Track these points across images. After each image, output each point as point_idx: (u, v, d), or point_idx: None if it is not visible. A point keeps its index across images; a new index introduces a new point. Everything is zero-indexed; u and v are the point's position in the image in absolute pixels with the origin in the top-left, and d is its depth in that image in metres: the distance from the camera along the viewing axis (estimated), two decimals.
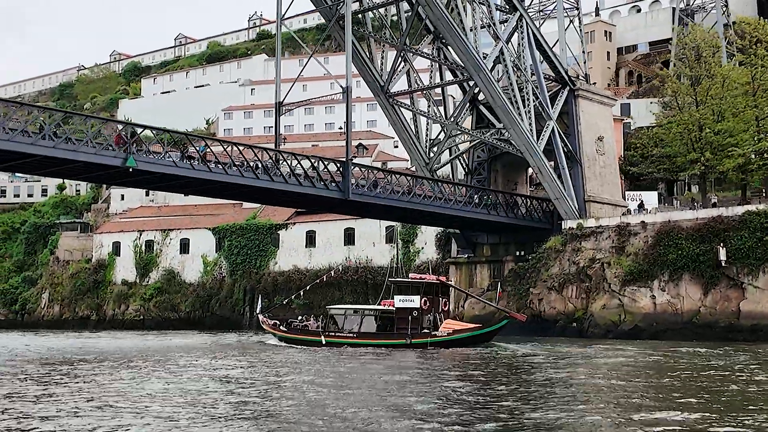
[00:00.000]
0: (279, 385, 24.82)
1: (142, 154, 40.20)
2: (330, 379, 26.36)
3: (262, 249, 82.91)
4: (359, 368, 30.78)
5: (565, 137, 59.60)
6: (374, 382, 25.50)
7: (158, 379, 26.04)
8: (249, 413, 18.23)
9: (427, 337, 42.20)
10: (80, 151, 37.69)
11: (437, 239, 72.29)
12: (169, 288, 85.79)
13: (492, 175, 65.05)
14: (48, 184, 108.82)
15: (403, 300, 43.71)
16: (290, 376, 27.10)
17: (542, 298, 54.88)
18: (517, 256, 61.86)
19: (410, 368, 30.33)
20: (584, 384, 24.76)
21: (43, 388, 23.28)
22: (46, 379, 25.85)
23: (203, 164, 42.26)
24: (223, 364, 32.63)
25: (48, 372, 28.53)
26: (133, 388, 23.14)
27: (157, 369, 29.79)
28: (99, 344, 49.73)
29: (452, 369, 30.51)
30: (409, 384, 24.40)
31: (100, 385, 24.10)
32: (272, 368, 30.56)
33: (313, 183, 47.25)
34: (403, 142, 62.73)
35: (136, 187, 49.11)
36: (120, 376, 27.19)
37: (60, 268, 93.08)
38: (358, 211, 55.64)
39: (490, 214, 56.82)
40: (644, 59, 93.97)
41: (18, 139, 35.75)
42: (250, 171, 44.24)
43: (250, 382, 25.27)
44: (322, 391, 22.55)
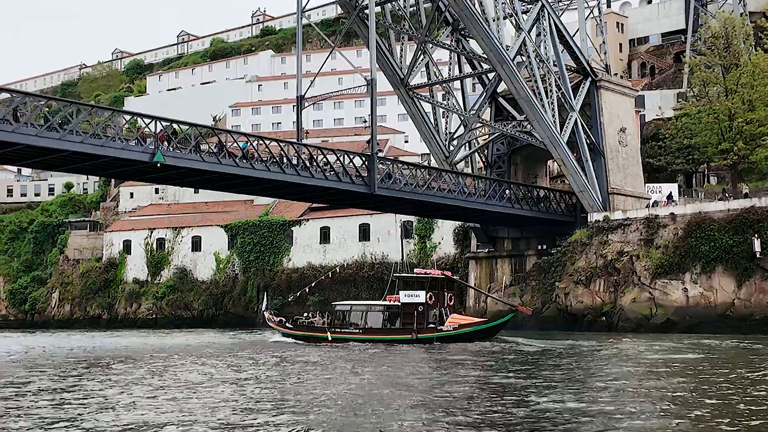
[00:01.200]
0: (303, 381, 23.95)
1: (169, 148, 39.24)
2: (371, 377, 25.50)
3: (275, 246, 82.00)
4: (400, 366, 29.91)
5: (588, 129, 58.80)
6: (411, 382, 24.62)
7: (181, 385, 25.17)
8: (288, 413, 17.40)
9: (433, 332, 42.16)
10: (108, 146, 36.78)
11: (455, 234, 71.41)
12: (182, 286, 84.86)
13: (512, 168, 64.20)
14: (55, 182, 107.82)
15: (409, 295, 43.68)
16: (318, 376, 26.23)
17: (569, 293, 54.06)
18: (540, 250, 61.10)
19: (426, 363, 29.52)
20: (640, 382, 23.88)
21: (102, 383, 22.45)
22: (95, 376, 24.99)
23: (229, 158, 41.35)
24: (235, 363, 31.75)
25: (96, 368, 27.65)
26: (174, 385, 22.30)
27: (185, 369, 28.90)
28: (121, 343, 48.78)
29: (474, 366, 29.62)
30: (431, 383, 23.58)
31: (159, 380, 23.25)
32: (298, 367, 29.69)
33: (340, 177, 46.39)
34: (423, 136, 61.87)
35: (163, 183, 48.16)
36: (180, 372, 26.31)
37: (70, 267, 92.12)
38: (382, 206, 54.73)
39: (513, 207, 55.98)
40: (657, 51, 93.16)
41: (45, 135, 34.79)
42: (276, 165, 43.36)
43: (273, 380, 24.41)
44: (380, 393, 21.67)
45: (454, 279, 48.06)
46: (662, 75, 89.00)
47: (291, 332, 47.32)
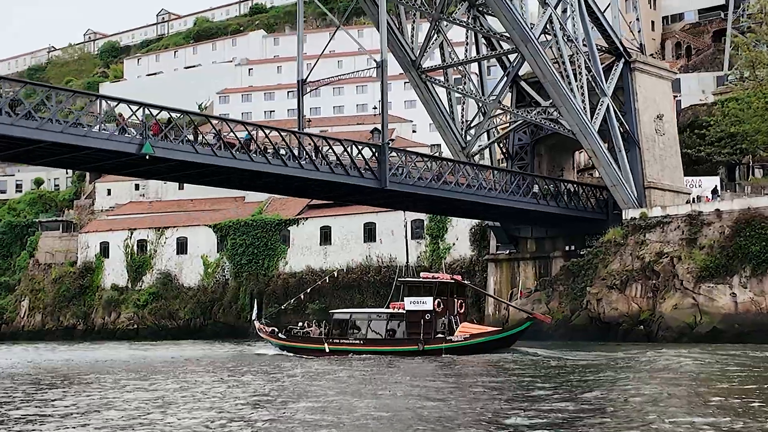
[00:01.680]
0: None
1: (157, 139, 38.88)
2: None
3: (270, 248, 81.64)
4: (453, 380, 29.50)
5: (621, 116, 58.45)
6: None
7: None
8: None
9: (441, 343, 41.67)
10: (91, 137, 36.41)
11: (471, 234, 71.04)
12: (166, 293, 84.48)
13: (535, 160, 63.83)
14: (23, 178, 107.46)
15: (414, 302, 43.15)
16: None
17: (601, 298, 53.72)
18: (567, 251, 60.78)
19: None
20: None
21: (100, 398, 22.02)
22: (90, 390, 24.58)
23: (226, 150, 41.01)
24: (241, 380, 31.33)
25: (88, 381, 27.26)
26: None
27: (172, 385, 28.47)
28: (92, 357, 48.13)
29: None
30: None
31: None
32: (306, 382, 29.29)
33: (347, 171, 46.03)
34: (436, 125, 61.51)
35: (151, 177, 47.84)
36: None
37: (41, 272, 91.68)
38: (393, 202, 54.34)
39: (539, 203, 55.63)
40: (693, 29, 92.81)
41: (21, 124, 34.39)
42: (277, 157, 43.00)
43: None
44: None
45: (464, 284, 47.82)
46: (699, 56, 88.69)
47: (284, 343, 46.99)
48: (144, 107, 38.89)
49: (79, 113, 36.39)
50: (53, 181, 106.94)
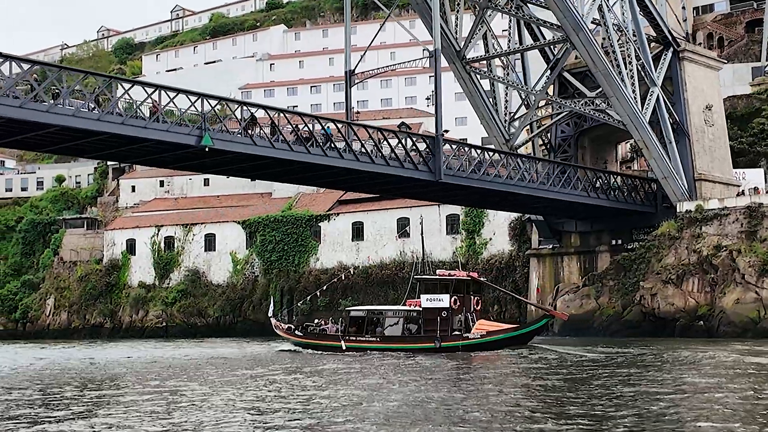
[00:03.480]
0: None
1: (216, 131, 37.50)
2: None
3: (300, 244, 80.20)
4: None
5: (670, 106, 57.05)
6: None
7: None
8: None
9: (458, 340, 41.48)
10: (151, 128, 35.00)
11: (510, 228, 69.51)
12: (194, 290, 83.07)
13: (579, 152, 62.41)
14: (44, 175, 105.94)
15: (431, 299, 42.94)
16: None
17: (656, 293, 52.30)
18: (613, 245, 59.42)
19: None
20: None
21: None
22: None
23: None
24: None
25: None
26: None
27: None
28: (124, 355, 46.61)
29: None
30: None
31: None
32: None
33: (402, 163, 44.61)
34: (480, 116, 59.98)
35: (206, 171, 46.19)
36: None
37: (66, 270, 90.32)
38: (444, 196, 52.93)
39: (589, 196, 54.23)
40: (725, 20, 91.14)
41: (83, 115, 33.00)
42: (334, 150, 41.62)
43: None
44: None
45: (481, 281, 47.53)
46: (732, 47, 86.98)
47: (301, 341, 46.85)
48: (202, 98, 37.50)
49: (138, 106, 34.87)
50: (75, 178, 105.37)
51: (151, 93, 35.80)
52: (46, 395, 24.84)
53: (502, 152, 51.75)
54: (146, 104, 35.54)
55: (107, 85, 35.25)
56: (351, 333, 44.63)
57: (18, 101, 31.34)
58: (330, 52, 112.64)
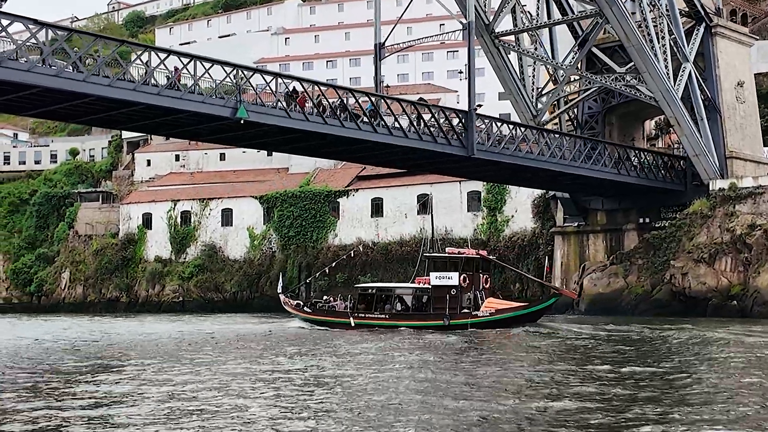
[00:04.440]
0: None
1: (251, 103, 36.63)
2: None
3: (319, 219, 79.44)
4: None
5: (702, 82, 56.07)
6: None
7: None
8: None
9: (467, 318, 41.42)
10: (188, 99, 34.15)
11: (534, 205, 68.61)
12: (211, 265, 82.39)
13: (606, 129, 61.46)
14: (57, 148, 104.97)
15: (440, 277, 42.83)
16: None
17: (687, 272, 51.53)
18: (641, 224, 58.62)
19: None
20: None
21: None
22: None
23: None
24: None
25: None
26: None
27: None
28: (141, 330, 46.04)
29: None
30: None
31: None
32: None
33: (435, 138, 43.75)
34: (508, 92, 59.05)
35: (240, 145, 45.25)
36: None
37: (81, 243, 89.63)
38: (475, 171, 52.08)
39: (620, 173, 53.36)
40: None
41: (119, 85, 32.13)
42: (368, 124, 40.76)
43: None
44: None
45: (490, 259, 47.61)
46: (756, 23, 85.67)
47: (309, 317, 46.74)
48: (237, 69, 36.64)
49: (174, 76, 34.00)
50: (88, 151, 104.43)
51: (187, 63, 34.94)
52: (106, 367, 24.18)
53: (536, 128, 50.77)
54: (160, 71, 34.41)
55: (142, 53, 34.21)
56: (360, 310, 44.56)
57: (54, 70, 30.48)
58: (346, 26, 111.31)
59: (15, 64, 29.38)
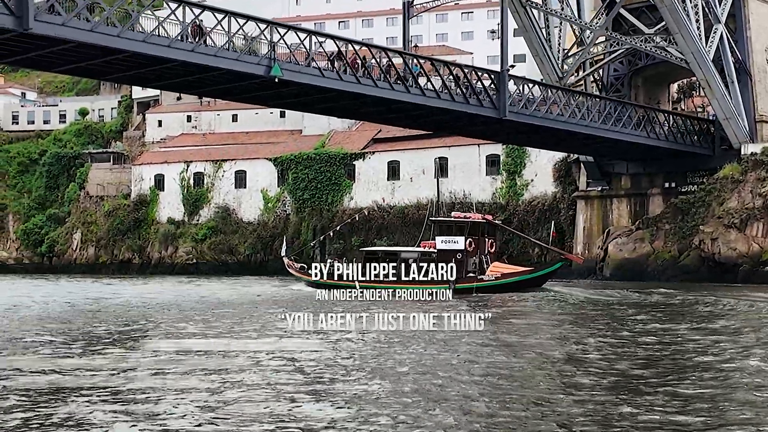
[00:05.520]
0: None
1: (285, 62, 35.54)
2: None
3: (334, 182, 78.47)
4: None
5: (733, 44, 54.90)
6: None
7: None
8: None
9: (472, 282, 41.70)
10: (222, 57, 33.07)
11: (555, 169, 67.59)
12: (225, 227, 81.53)
13: (632, 92, 60.33)
14: (66, 108, 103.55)
15: (446, 241, 43.05)
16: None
17: (717, 238, 50.72)
18: (666, 188, 57.74)
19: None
20: None
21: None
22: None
23: (351, 75, 37.71)
24: None
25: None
26: None
27: None
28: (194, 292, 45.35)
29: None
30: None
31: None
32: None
33: (467, 98, 42.68)
34: (534, 53, 57.67)
35: (273, 105, 44.24)
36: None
37: (92, 204, 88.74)
38: (505, 134, 51.05)
39: (649, 136, 52.38)
40: None
41: (154, 41, 31.03)
42: (401, 84, 39.70)
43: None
44: None
45: (496, 224, 47.90)
46: None
47: (315, 280, 46.13)
48: (270, 26, 35.50)
49: (209, 32, 32.90)
50: (98, 111, 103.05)
51: (221, 19, 33.83)
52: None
53: (568, 90, 49.67)
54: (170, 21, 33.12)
55: (177, 7, 33.03)
56: (365, 273, 44.17)
57: (89, 24, 29.33)
58: None
59: (50, 18, 28.16)
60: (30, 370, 16.30)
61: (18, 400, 13.30)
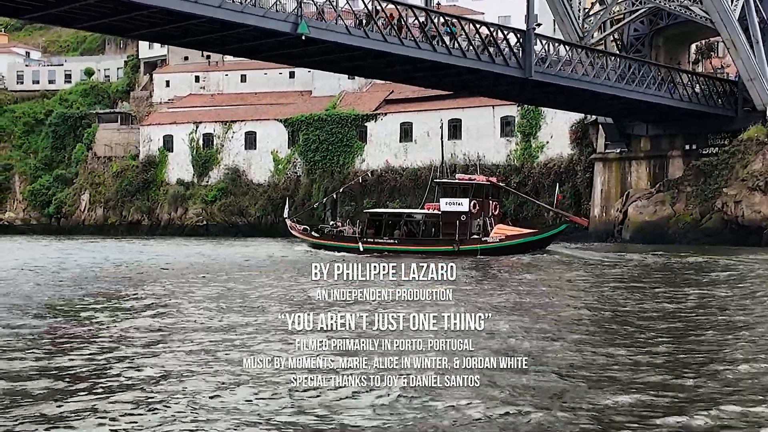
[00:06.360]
0: None
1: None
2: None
3: (345, 144, 77.52)
4: None
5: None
6: None
7: None
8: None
9: (476, 244, 41.46)
10: (249, 13, 32.07)
11: (572, 131, 66.65)
12: (235, 189, 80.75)
13: (652, 52, 59.22)
14: (72, 68, 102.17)
15: (450, 203, 42.73)
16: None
17: (740, 200, 49.97)
18: (686, 150, 56.88)
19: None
20: None
21: None
22: None
23: (377, 32, 36.69)
24: None
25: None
26: None
27: None
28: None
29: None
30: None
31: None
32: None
33: (493, 57, 41.70)
34: (554, 11, 56.35)
35: (297, 64, 43.20)
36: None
37: (100, 165, 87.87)
38: (530, 95, 50.09)
39: (673, 97, 51.45)
40: None
41: None
42: (428, 42, 38.68)
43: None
44: None
45: (500, 186, 47.52)
46: None
47: (317, 241, 46.39)
48: None
49: None
50: (103, 71, 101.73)
51: None
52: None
53: (594, 50, 48.65)
54: None
55: None
56: (369, 235, 44.26)
57: None
58: None
59: None
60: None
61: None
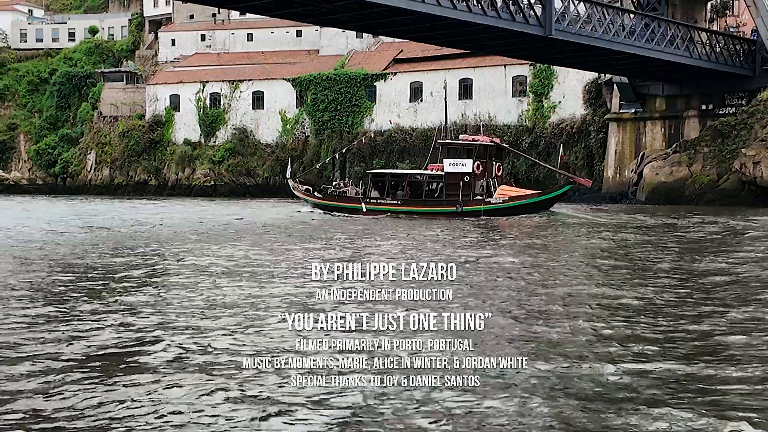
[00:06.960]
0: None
1: None
2: None
3: (354, 104, 76.63)
4: None
5: None
6: None
7: None
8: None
9: (480, 205, 41.34)
10: None
11: (585, 91, 65.80)
12: (242, 149, 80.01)
13: (669, 9, 58.16)
14: (75, 26, 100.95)
15: (454, 164, 42.60)
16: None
17: (759, 161, 49.30)
18: (703, 110, 56.14)
19: None
20: None
21: None
22: None
23: None
24: None
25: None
26: None
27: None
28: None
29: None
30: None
31: None
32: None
33: (513, 15, 40.83)
34: None
35: (313, 21, 42.23)
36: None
37: (106, 125, 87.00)
38: (549, 55, 49.24)
39: (691, 56, 50.60)
40: None
41: None
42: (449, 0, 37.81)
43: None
44: None
45: (504, 147, 47.14)
46: None
47: (320, 202, 46.11)
48: None
49: None
50: (108, 30, 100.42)
51: None
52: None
53: (613, 7, 47.69)
54: None
55: None
56: (372, 196, 44.22)
57: None
58: None
59: None
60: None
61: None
